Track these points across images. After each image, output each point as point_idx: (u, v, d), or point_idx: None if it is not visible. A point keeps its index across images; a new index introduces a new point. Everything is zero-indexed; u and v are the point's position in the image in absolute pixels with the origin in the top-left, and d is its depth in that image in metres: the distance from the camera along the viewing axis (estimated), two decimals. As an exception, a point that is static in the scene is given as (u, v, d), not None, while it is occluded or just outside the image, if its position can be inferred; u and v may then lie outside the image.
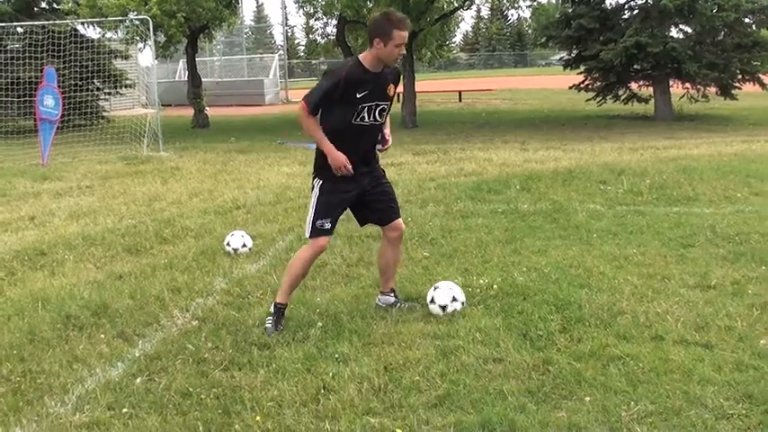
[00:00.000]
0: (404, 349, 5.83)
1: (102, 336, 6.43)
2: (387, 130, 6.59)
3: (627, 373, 5.25)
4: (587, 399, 4.92)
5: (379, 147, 6.58)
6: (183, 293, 7.50)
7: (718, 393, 4.91)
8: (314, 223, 6.45)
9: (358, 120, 6.27)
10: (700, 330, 6.01)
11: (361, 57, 6.32)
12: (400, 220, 6.84)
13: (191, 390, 5.31)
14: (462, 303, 6.58)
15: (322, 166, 6.38)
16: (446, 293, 6.60)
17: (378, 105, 6.31)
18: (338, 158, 6.21)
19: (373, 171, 6.63)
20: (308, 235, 6.55)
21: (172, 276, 8.07)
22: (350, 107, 6.21)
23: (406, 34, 6.13)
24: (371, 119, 6.33)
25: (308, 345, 6.01)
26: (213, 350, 6.01)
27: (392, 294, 6.96)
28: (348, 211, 6.80)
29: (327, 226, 6.45)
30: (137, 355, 5.99)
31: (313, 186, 6.55)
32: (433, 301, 6.57)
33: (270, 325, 6.41)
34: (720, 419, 4.61)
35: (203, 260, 8.69)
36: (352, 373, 5.42)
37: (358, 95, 6.18)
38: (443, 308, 6.52)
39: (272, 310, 6.53)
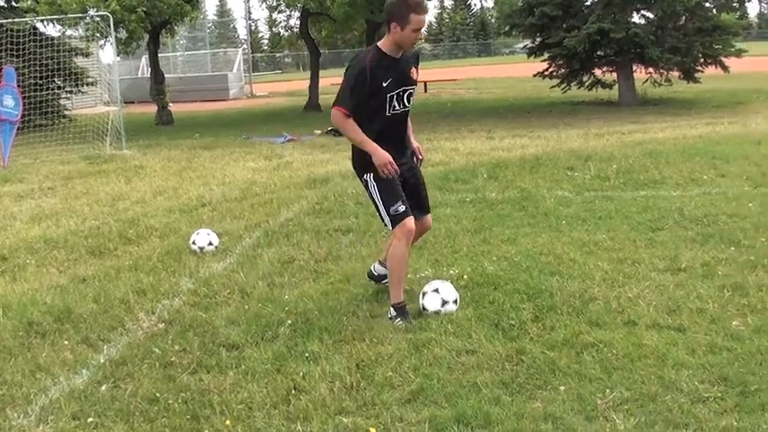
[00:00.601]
0: (375, 345, 5.75)
1: (66, 342, 6.26)
2: (416, 143, 6.57)
3: (601, 360, 5.21)
4: (562, 388, 4.87)
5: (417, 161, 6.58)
6: (148, 295, 7.33)
7: (693, 377, 4.89)
8: (389, 212, 6.21)
9: (391, 110, 6.14)
10: (672, 314, 5.99)
11: (379, 44, 6.16)
12: (429, 216, 6.80)
13: (158, 395, 5.17)
14: (455, 301, 6.34)
15: (362, 161, 6.24)
16: (434, 300, 6.36)
17: (405, 91, 6.18)
18: (383, 157, 6.03)
19: (409, 161, 6.48)
20: (391, 227, 6.30)
21: (137, 278, 7.90)
22: (379, 98, 6.06)
23: (423, 18, 5.99)
24: (402, 106, 6.21)
25: (278, 344, 5.90)
26: (180, 353, 5.88)
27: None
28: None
29: (402, 208, 6.19)
30: (102, 361, 5.83)
31: (366, 182, 6.33)
32: (424, 308, 6.35)
33: (402, 323, 6.12)
34: (696, 403, 4.58)
35: (169, 260, 8.54)
36: (323, 372, 5.32)
37: (384, 84, 6.02)
38: (437, 313, 6.29)
39: (393, 313, 6.26)
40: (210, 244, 8.86)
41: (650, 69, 25.36)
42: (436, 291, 6.38)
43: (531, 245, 8.15)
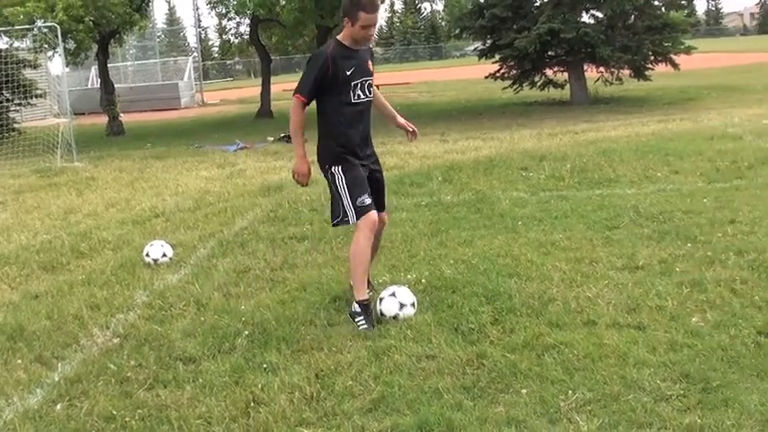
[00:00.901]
0: (335, 353, 5.67)
1: (20, 361, 6.11)
2: (401, 120, 7.04)
3: (562, 361, 5.18)
4: (524, 391, 4.82)
5: (410, 138, 7.10)
6: (102, 310, 7.18)
7: (655, 375, 4.87)
8: (354, 204, 6.29)
9: (355, 98, 6.31)
10: (631, 312, 5.98)
11: (339, 37, 6.33)
12: (384, 213, 6.85)
13: (114, 413, 5.05)
14: (413, 304, 6.29)
15: (329, 154, 6.42)
16: (391, 304, 6.29)
17: (365, 81, 6.35)
18: (301, 167, 6.40)
19: (373, 155, 6.69)
20: (353, 220, 6.34)
21: (90, 293, 7.74)
22: (344, 87, 6.24)
23: (373, 17, 6.12)
24: (365, 95, 6.37)
25: (235, 356, 5.80)
26: (136, 368, 5.75)
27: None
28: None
29: (368, 200, 6.31)
30: (56, 379, 5.69)
31: (332, 175, 6.40)
32: (382, 314, 6.27)
33: (364, 326, 6.09)
34: (659, 402, 4.56)
35: (122, 273, 8.38)
36: (282, 383, 5.23)
37: (348, 73, 6.21)
38: (395, 317, 6.23)
39: (357, 309, 6.22)
40: (164, 255, 8.73)
41: (601, 68, 25.57)
42: (393, 295, 6.32)
43: (488, 247, 8.12)
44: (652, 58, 25.27)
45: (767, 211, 8.69)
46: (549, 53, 25.37)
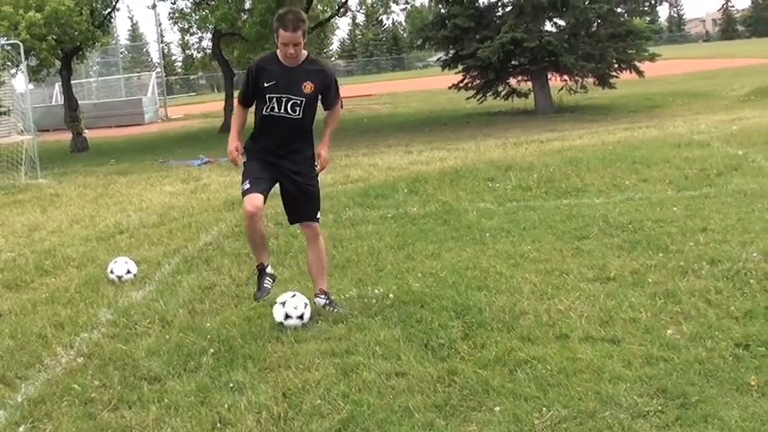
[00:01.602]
0: (302, 371, 5.54)
1: (-19, 382, 5.97)
2: (322, 149, 6.83)
3: (535, 377, 5.06)
4: (497, 408, 4.70)
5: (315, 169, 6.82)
6: (66, 329, 7.02)
7: (631, 390, 4.76)
8: (241, 187, 6.62)
9: (268, 110, 6.49)
10: (605, 325, 5.87)
11: (278, 49, 6.45)
12: (313, 224, 6.93)
13: (77, 435, 4.93)
14: (299, 317, 6.47)
15: (247, 147, 6.75)
16: (278, 311, 6.54)
17: (289, 99, 6.45)
18: (230, 143, 6.69)
19: (296, 163, 6.69)
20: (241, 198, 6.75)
21: (54, 311, 7.58)
22: (261, 97, 6.49)
23: (289, 34, 6.21)
24: (282, 111, 6.48)
25: (201, 374, 5.67)
26: (101, 389, 5.61)
27: (322, 296, 6.88)
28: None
29: (247, 186, 6.51)
30: (19, 400, 5.55)
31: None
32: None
33: (257, 292, 6.76)
34: (637, 418, 4.45)
35: (86, 291, 8.23)
36: (248, 403, 5.10)
37: (265, 84, 6.42)
38: (281, 324, 6.47)
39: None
40: (129, 272, 8.59)
41: (565, 77, 25.56)
42: (282, 304, 6.53)
43: (457, 259, 8.02)
44: (616, 65, 25.32)
45: (739, 219, 8.63)
46: (513, 62, 25.33)
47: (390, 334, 6.04)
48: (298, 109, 6.49)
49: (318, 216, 6.97)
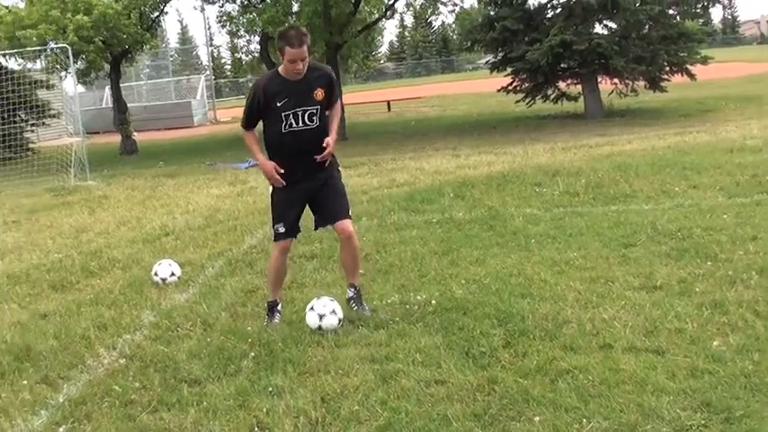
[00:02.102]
0: (341, 377, 5.52)
1: (25, 382, 6.02)
2: (330, 137, 6.70)
3: (577, 387, 4.98)
4: (537, 419, 4.64)
5: (322, 150, 6.64)
6: (109, 330, 7.09)
7: (674, 403, 4.66)
8: (273, 228, 6.86)
9: (287, 128, 6.52)
10: (649, 335, 5.77)
11: (279, 68, 6.55)
12: (345, 222, 6.86)
13: (116, 437, 4.95)
14: (332, 312, 6.54)
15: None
16: (311, 318, 6.57)
17: (305, 111, 6.52)
18: (265, 166, 6.67)
19: (318, 174, 6.76)
20: (272, 238, 6.97)
21: (98, 312, 7.66)
22: (275, 117, 6.51)
23: (295, 51, 6.28)
24: (301, 124, 6.54)
25: (240, 378, 5.68)
26: (141, 390, 5.65)
27: (352, 289, 7.02)
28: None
29: (282, 230, 6.77)
30: (61, 400, 5.61)
31: (269, 191, 6.96)
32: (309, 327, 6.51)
33: (265, 322, 6.84)
34: (679, 432, 4.35)
35: (130, 293, 8.29)
36: (287, 407, 5.09)
37: (278, 104, 6.46)
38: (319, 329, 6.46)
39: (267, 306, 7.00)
40: (173, 275, 8.63)
41: (615, 80, 25.22)
42: (311, 308, 6.59)
43: (501, 266, 7.94)
44: (667, 68, 24.94)
45: (790, 228, 8.45)
46: (562, 65, 25.08)
47: (431, 341, 5.99)
48: (315, 118, 6.58)
49: (351, 214, 7.00)
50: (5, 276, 9.55)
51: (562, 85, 26.28)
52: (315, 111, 6.55)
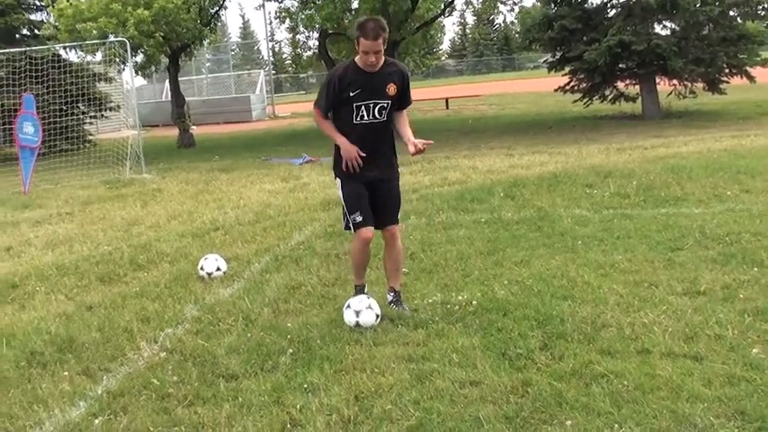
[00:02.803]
0: (376, 375, 5.53)
1: (66, 373, 6.12)
2: (408, 136, 6.75)
3: (611, 392, 4.94)
4: (568, 423, 4.62)
5: (411, 151, 6.69)
6: (152, 323, 7.18)
7: (708, 411, 4.61)
8: (349, 218, 6.81)
9: (359, 119, 6.61)
10: (688, 341, 5.70)
11: (356, 58, 6.59)
12: (394, 227, 6.98)
13: (151, 429, 5.03)
14: (368, 307, 6.57)
15: (336, 164, 6.84)
16: (349, 316, 6.62)
17: (376, 104, 6.59)
18: (350, 150, 6.61)
19: (383, 171, 6.86)
20: (346, 228, 6.99)
21: (142, 305, 7.75)
22: (348, 107, 6.57)
23: (369, 42, 6.32)
24: (371, 117, 6.62)
25: (277, 374, 5.72)
26: (178, 384, 5.71)
27: (392, 293, 7.04)
28: None
29: (359, 219, 6.74)
30: (99, 392, 5.69)
31: (337, 185, 6.97)
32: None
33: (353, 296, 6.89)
34: (710, 440, 4.30)
35: (176, 287, 8.38)
36: (320, 405, 5.12)
37: (351, 94, 6.52)
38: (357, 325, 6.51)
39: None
40: (218, 269, 8.70)
41: (674, 81, 24.94)
42: (347, 306, 6.66)
43: (545, 267, 7.89)
44: (727, 70, 24.57)
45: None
46: (620, 66, 24.85)
47: (469, 341, 5.98)
48: (384, 112, 6.64)
49: (399, 218, 7.09)
50: (55, 267, 9.69)
51: (620, 85, 26.01)
52: (385, 105, 6.61)
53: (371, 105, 6.57)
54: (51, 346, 6.73)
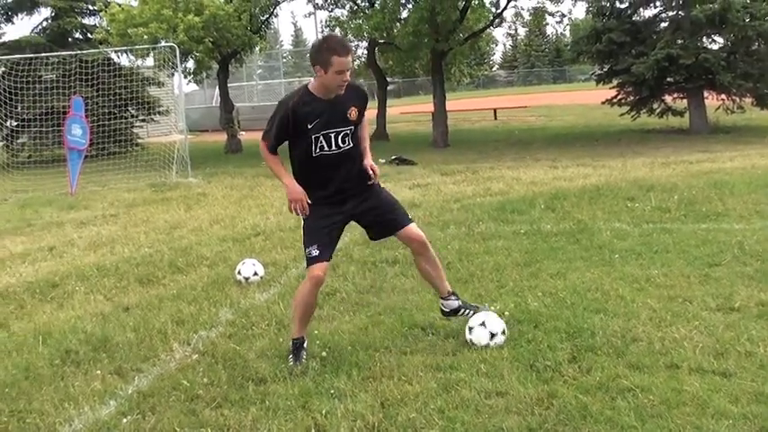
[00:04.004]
0: (403, 383, 5.55)
1: (99, 372, 6.22)
2: (367, 161, 6.26)
3: (636, 406, 4.92)
4: (592, 435, 4.60)
5: (369, 182, 6.24)
6: (186, 326, 7.28)
7: (733, 428, 4.58)
8: (305, 251, 6.20)
9: (318, 151, 6.02)
10: (718, 357, 5.66)
11: (309, 85, 6.01)
12: (410, 227, 6.39)
13: (177, 430, 5.10)
14: (503, 332, 6.20)
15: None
16: (481, 334, 6.21)
17: (338, 132, 6.02)
18: (293, 192, 6.12)
19: (362, 194, 6.28)
20: (304, 264, 6.31)
21: (178, 308, 7.86)
22: (305, 139, 5.97)
23: (346, 60, 5.79)
24: (333, 147, 6.04)
25: (306, 379, 5.76)
26: (208, 386, 5.78)
27: (452, 297, 6.67)
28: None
29: (315, 252, 6.11)
30: (130, 392, 5.79)
31: None
32: (473, 344, 6.18)
33: (291, 362, 6.12)
34: (733, 458, 4.28)
35: (212, 290, 8.48)
36: (346, 410, 5.16)
37: (309, 126, 5.92)
38: (487, 347, 6.12)
39: (290, 347, 6.27)
40: (256, 274, 8.79)
41: (722, 96, 24.70)
42: (483, 324, 6.21)
43: (580, 280, 7.86)
44: (776, 85, 24.31)
45: None
46: (668, 79, 24.68)
47: (498, 352, 5.98)
48: (348, 139, 6.09)
49: (412, 218, 6.51)
50: (96, 268, 9.85)
51: (668, 99, 25.83)
52: (348, 132, 6.07)
53: (332, 135, 5.98)
54: (86, 345, 6.86)
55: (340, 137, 6.03)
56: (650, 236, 9.67)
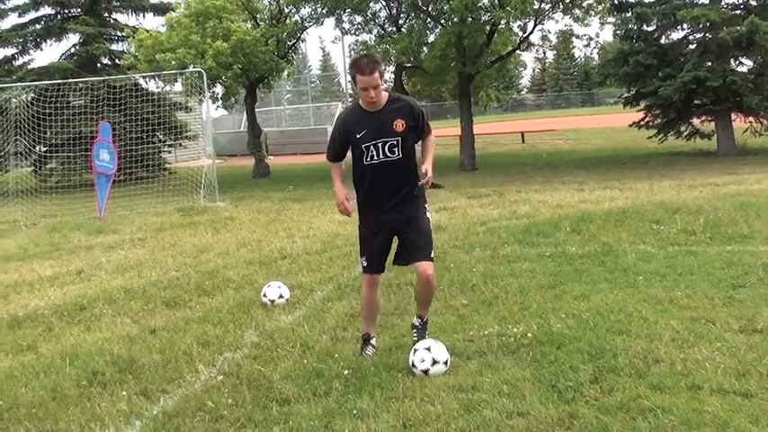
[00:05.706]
0: (425, 404, 5.59)
1: (125, 393, 6.30)
2: (425, 166, 6.58)
3: (657, 426, 4.94)
4: (612, 456, 4.62)
5: (418, 183, 6.57)
6: (212, 347, 7.36)
7: (752, 449, 4.58)
8: (360, 260, 6.91)
9: (369, 159, 6.53)
10: (740, 378, 5.66)
11: (360, 99, 6.54)
12: (424, 264, 6.63)
13: (201, 451, 5.14)
14: (445, 362, 6.25)
15: (359, 205, 6.80)
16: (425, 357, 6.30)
17: (385, 142, 6.49)
18: (336, 196, 6.72)
19: (404, 209, 6.65)
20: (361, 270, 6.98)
21: (203, 330, 7.95)
22: (358, 148, 6.55)
23: (365, 78, 6.26)
24: (382, 156, 6.52)
25: (329, 400, 5.81)
26: (232, 407, 5.84)
27: (418, 320, 7.02)
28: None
29: (364, 263, 6.79)
30: (155, 412, 5.86)
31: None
32: (413, 365, 6.29)
33: (362, 352, 6.82)
34: (751, 478, 4.29)
35: (238, 312, 8.57)
36: (368, 431, 5.21)
37: (357, 136, 6.49)
38: (426, 372, 6.22)
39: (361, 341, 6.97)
40: (281, 297, 8.86)
41: (750, 118, 24.65)
42: (428, 349, 6.31)
43: (603, 302, 7.87)
44: (803, 108, 24.18)
45: None
46: (695, 102, 24.68)
47: (520, 373, 6.01)
48: (396, 149, 6.51)
49: (432, 255, 6.73)
50: (123, 291, 9.97)
51: (696, 121, 25.78)
52: (396, 142, 6.48)
53: (380, 144, 6.46)
54: (113, 366, 6.94)
55: (387, 147, 6.50)
56: (675, 258, 9.67)
